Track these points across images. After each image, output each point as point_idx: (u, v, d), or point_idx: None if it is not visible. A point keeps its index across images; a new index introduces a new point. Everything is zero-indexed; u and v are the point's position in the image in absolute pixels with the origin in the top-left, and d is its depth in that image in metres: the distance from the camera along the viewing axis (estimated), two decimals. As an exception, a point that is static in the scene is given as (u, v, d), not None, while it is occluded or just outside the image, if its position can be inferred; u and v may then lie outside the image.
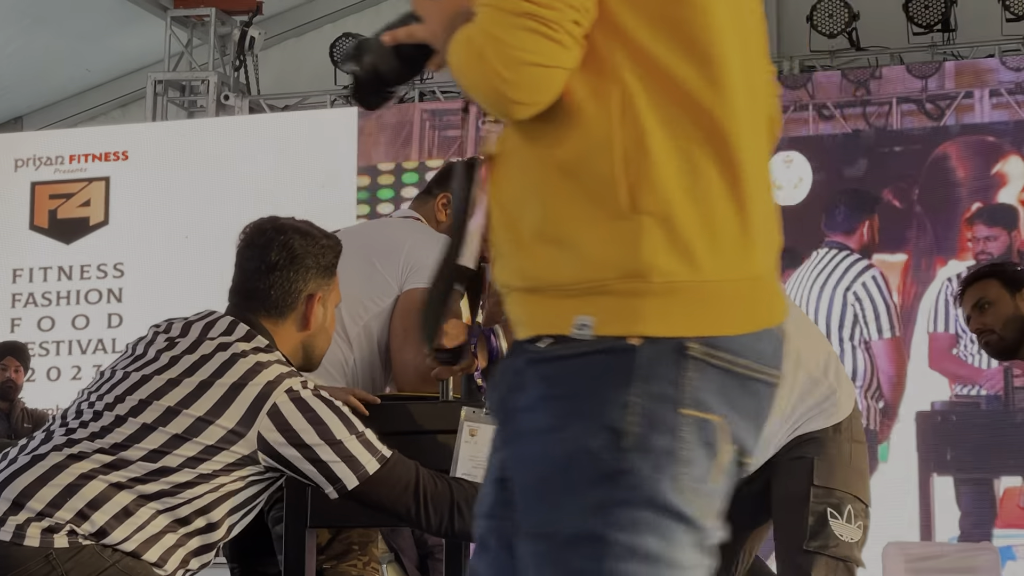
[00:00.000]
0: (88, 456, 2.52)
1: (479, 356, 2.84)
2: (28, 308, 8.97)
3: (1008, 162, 7.61)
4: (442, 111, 8.63)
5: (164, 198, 8.83)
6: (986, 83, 7.67)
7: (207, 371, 2.59)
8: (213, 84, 9.33)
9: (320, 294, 2.78)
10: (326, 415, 2.59)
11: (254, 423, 2.55)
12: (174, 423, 2.54)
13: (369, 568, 3.11)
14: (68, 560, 2.43)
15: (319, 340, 2.80)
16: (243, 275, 2.77)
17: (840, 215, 7.77)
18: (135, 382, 2.62)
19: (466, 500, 2.63)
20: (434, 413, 2.88)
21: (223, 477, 2.56)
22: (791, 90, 7.98)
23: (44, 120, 10.05)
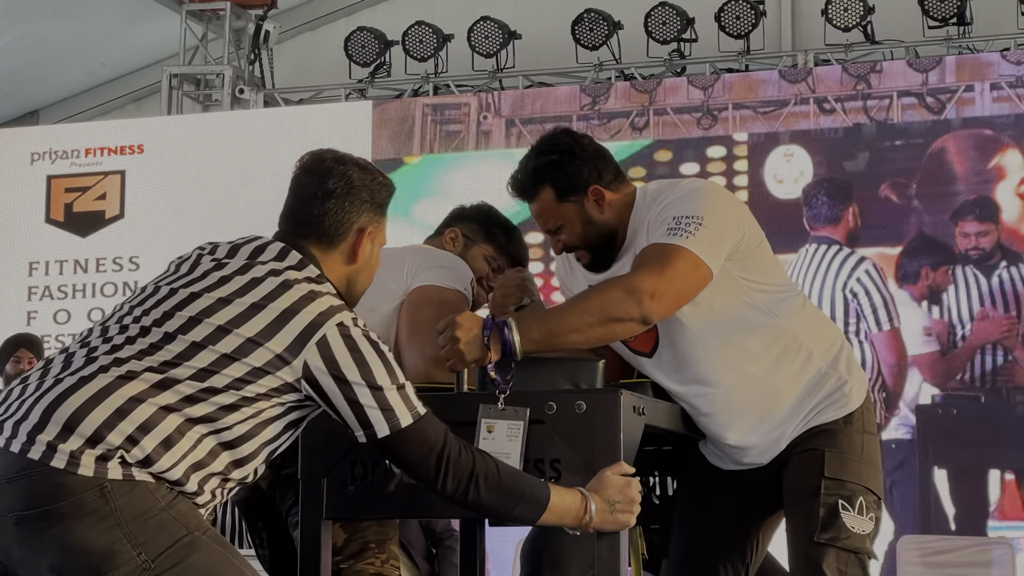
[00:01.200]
0: (137, 376, 2.50)
1: (492, 349, 2.85)
2: (44, 301, 9.00)
3: (1006, 155, 7.61)
4: (443, 106, 8.64)
5: (179, 191, 8.85)
6: (986, 76, 7.68)
7: (258, 294, 2.59)
8: (228, 78, 9.35)
9: (371, 229, 2.78)
10: (371, 358, 2.59)
11: (302, 351, 2.55)
12: (224, 342, 2.53)
13: (388, 566, 3.12)
14: (122, 496, 2.41)
15: (363, 276, 2.80)
16: (297, 201, 2.77)
17: (823, 207, 7.77)
18: (183, 299, 2.60)
19: (485, 474, 2.63)
20: (449, 405, 2.89)
21: (264, 402, 2.56)
22: (792, 84, 7.99)
23: (60, 114, 10.08)
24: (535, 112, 8.41)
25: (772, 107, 8.03)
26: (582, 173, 3.13)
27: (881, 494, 3.19)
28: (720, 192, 3.20)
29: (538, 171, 3.13)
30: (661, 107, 8.21)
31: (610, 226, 3.15)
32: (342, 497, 2.91)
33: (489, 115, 8.51)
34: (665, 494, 3.41)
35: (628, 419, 2.82)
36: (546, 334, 2.87)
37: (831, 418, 3.18)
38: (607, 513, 2.72)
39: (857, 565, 3.09)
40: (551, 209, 3.14)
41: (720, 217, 3.05)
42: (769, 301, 3.16)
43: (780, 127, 7.99)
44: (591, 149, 3.17)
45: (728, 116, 8.10)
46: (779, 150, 7.98)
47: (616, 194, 3.16)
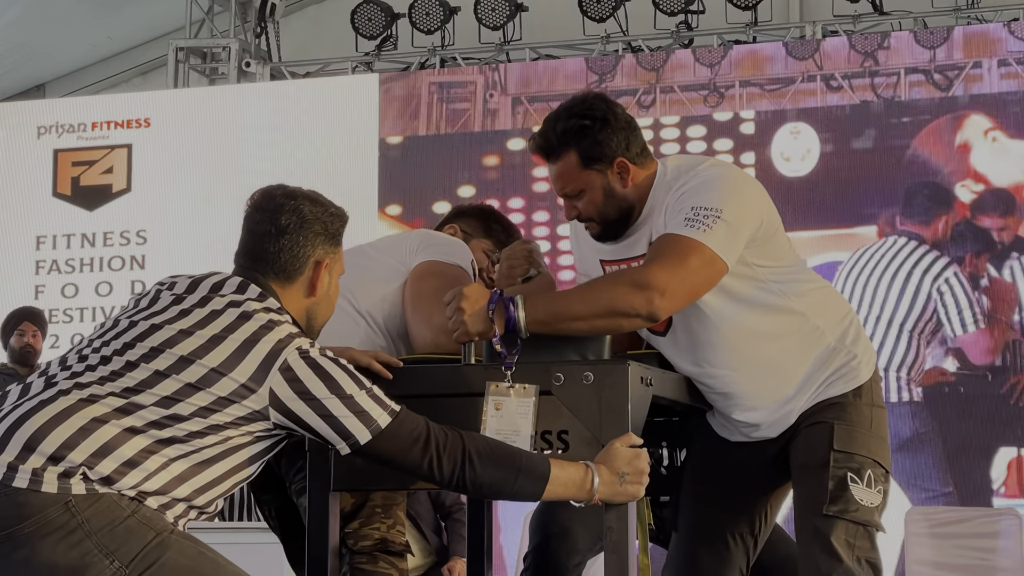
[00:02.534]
0: (99, 399, 2.50)
1: (496, 322, 2.84)
2: (52, 275, 9.01)
3: (970, 120, 7.63)
4: (450, 83, 8.62)
5: (186, 165, 8.85)
6: (994, 53, 7.65)
7: (219, 325, 2.60)
8: (234, 51, 9.33)
9: (327, 261, 2.79)
10: (335, 371, 2.60)
11: (266, 379, 2.56)
12: (187, 372, 2.54)
13: (394, 531, 3.13)
14: (87, 508, 2.41)
15: (322, 308, 2.82)
16: (252, 238, 2.78)
17: (920, 207, 7.72)
18: (144, 330, 2.61)
19: (477, 450, 2.63)
20: (456, 376, 2.89)
21: (232, 430, 2.56)
22: (798, 61, 7.96)
23: (66, 88, 10.07)
24: (541, 90, 8.39)
25: (779, 84, 8.01)
26: (611, 143, 3.05)
27: (889, 467, 3.18)
28: (740, 180, 3.11)
29: (567, 133, 3.06)
30: (668, 85, 8.19)
31: (629, 201, 3.10)
32: (349, 468, 2.91)
33: (495, 93, 8.50)
34: (673, 465, 3.41)
35: (636, 390, 2.81)
36: (551, 317, 2.86)
37: (840, 391, 3.17)
38: (616, 485, 2.72)
39: (865, 537, 3.09)
40: (573, 174, 3.09)
41: (739, 209, 3.00)
42: (782, 283, 3.13)
43: (787, 104, 7.97)
44: (624, 120, 3.09)
45: (735, 94, 8.08)
46: (786, 127, 7.96)
47: (641, 169, 3.10)
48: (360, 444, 2.60)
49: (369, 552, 3.08)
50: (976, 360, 7.50)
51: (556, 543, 3.73)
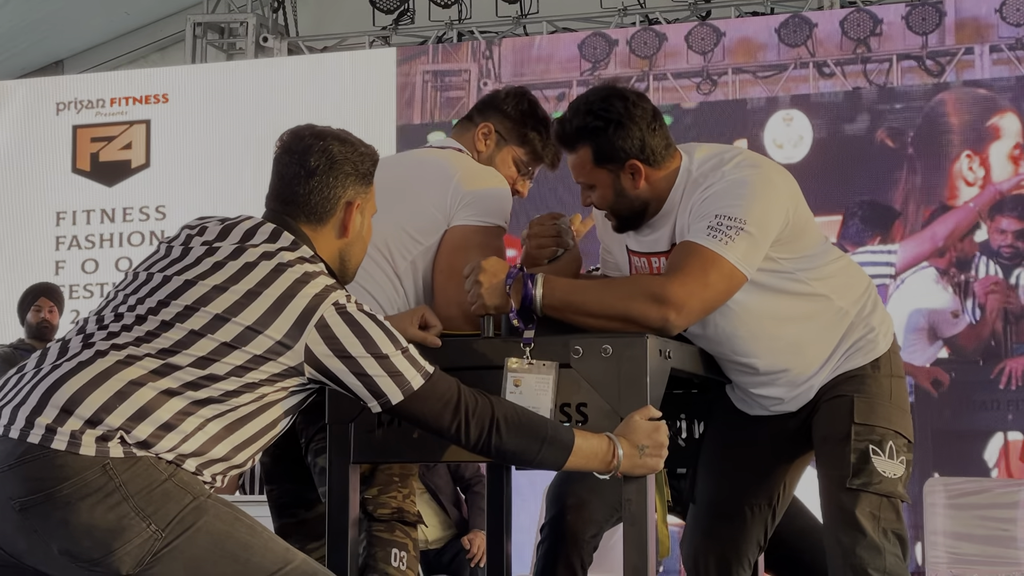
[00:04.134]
0: (137, 361, 2.50)
1: (512, 297, 2.84)
2: (72, 251, 9.04)
3: (1004, 117, 7.57)
4: (444, 72, 8.61)
5: (204, 140, 8.86)
6: (986, 39, 7.65)
7: (253, 280, 2.58)
8: (252, 26, 9.33)
9: (359, 202, 2.77)
10: (372, 329, 2.58)
11: (302, 335, 2.54)
12: (222, 331, 2.53)
13: (408, 501, 3.14)
14: (125, 471, 2.41)
15: (355, 249, 2.79)
16: (281, 181, 2.75)
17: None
18: (178, 287, 2.59)
19: (505, 417, 2.63)
20: (475, 349, 2.89)
21: (267, 387, 2.56)
22: (791, 48, 7.94)
23: (84, 64, 10.07)
24: (535, 78, 8.39)
25: (772, 71, 8.00)
26: (625, 145, 3.03)
27: (911, 437, 3.18)
28: (766, 184, 3.03)
29: (582, 130, 3.06)
30: (661, 72, 8.18)
31: (642, 200, 3.08)
32: (369, 441, 2.92)
33: (489, 81, 8.50)
34: (692, 437, 3.41)
35: (654, 362, 2.81)
36: (565, 305, 2.86)
37: (859, 364, 3.17)
38: (636, 457, 2.72)
39: (890, 509, 3.09)
40: (586, 168, 3.09)
41: (763, 218, 2.97)
42: (807, 270, 3.12)
43: (780, 91, 7.96)
44: (643, 120, 3.04)
45: (728, 80, 8.07)
46: (779, 114, 7.97)
47: (657, 170, 3.06)
48: (392, 404, 2.60)
49: (387, 520, 3.08)
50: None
51: (572, 515, 3.73)
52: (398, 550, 3.09)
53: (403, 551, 3.09)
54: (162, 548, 2.42)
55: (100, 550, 2.40)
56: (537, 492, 5.83)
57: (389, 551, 3.07)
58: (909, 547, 3.11)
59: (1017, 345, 7.45)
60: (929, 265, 7.62)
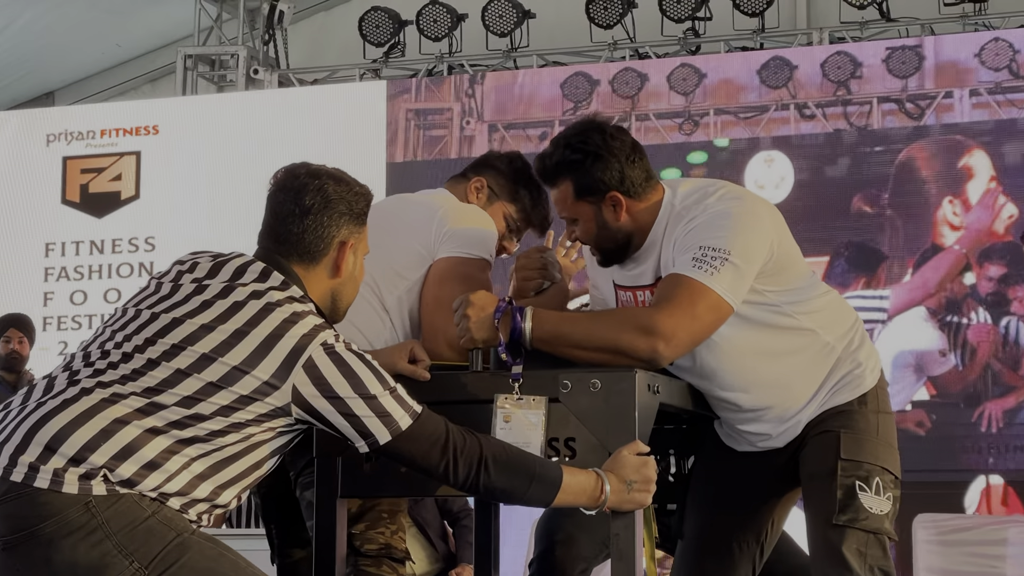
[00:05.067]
0: (122, 399, 2.49)
1: (500, 330, 2.84)
2: (61, 282, 9.03)
3: (973, 155, 7.63)
4: (426, 110, 8.64)
5: (194, 172, 8.87)
6: (965, 83, 7.70)
7: (241, 319, 2.57)
8: (243, 58, 9.35)
9: (352, 241, 2.76)
10: (360, 369, 2.58)
11: (289, 376, 2.54)
12: (209, 371, 2.52)
13: (396, 537, 3.13)
14: (108, 508, 2.41)
15: (347, 289, 2.79)
16: (275, 219, 2.74)
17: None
18: (165, 324, 2.58)
19: (494, 456, 2.63)
20: (463, 383, 2.89)
21: (253, 427, 2.55)
22: (772, 89, 7.99)
23: (75, 95, 10.09)
24: (517, 117, 8.42)
25: (753, 112, 8.04)
26: (604, 177, 3.05)
27: (898, 473, 3.17)
28: (750, 216, 3.04)
29: (561, 165, 3.08)
30: (643, 112, 8.22)
31: (625, 232, 3.10)
32: (357, 476, 2.91)
33: (472, 120, 8.52)
34: (681, 473, 3.41)
35: (643, 397, 2.81)
36: (554, 338, 2.87)
37: (846, 399, 3.17)
38: (624, 493, 2.72)
39: (877, 545, 3.08)
40: (568, 202, 3.10)
41: (748, 249, 2.98)
42: (793, 303, 3.12)
43: (761, 132, 8.00)
44: (622, 152, 3.07)
45: (709, 121, 8.11)
46: (760, 155, 8.01)
47: (639, 202, 3.08)
48: (379, 444, 2.60)
49: (375, 556, 3.08)
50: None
51: (561, 550, 3.72)
52: None
53: None
54: None
55: None
56: (525, 527, 5.82)
57: None
58: (895, 584, 3.11)
59: (996, 388, 7.46)
60: (920, 304, 7.65)
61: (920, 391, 7.57)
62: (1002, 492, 7.38)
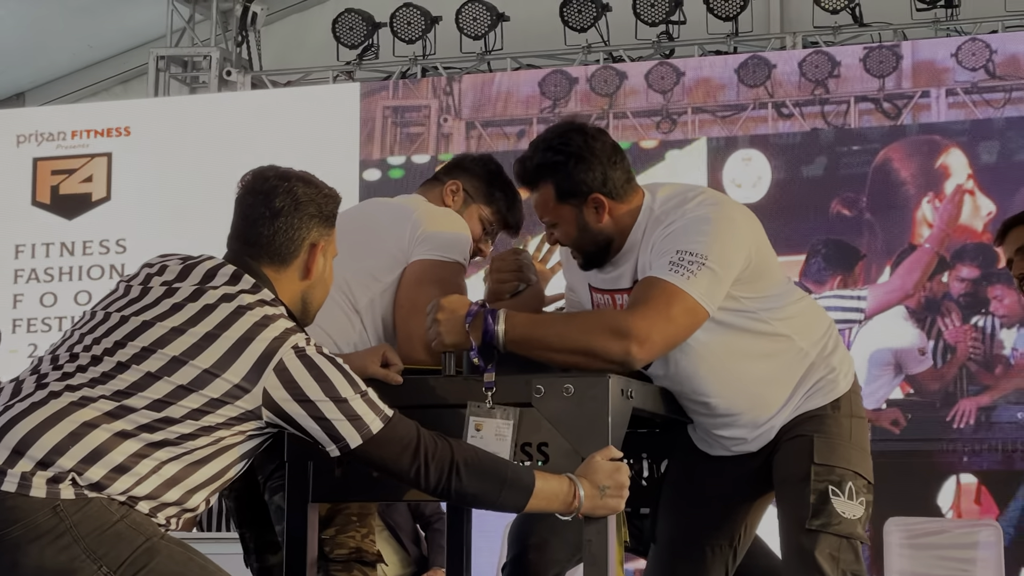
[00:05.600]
0: (91, 403, 2.47)
1: (472, 334, 2.83)
2: (30, 284, 8.97)
3: (949, 154, 7.68)
4: (404, 107, 8.63)
5: (166, 174, 8.82)
6: (942, 82, 7.74)
7: (212, 322, 2.56)
8: (215, 60, 9.31)
9: (322, 243, 2.76)
10: (331, 373, 2.57)
11: (260, 378, 2.53)
12: (179, 374, 2.51)
13: (367, 540, 3.12)
14: (76, 512, 2.39)
15: (317, 291, 2.79)
16: (245, 222, 2.73)
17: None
18: (135, 327, 2.57)
19: (465, 461, 2.62)
20: (436, 387, 2.88)
21: (224, 431, 2.54)
22: (750, 88, 8.01)
23: (46, 96, 10.03)
24: (495, 115, 8.41)
25: (731, 111, 8.06)
26: (586, 179, 3.04)
27: (871, 477, 3.18)
28: (728, 222, 3.03)
29: (542, 167, 3.06)
30: (621, 111, 8.22)
31: (606, 235, 3.08)
32: (328, 480, 2.90)
33: (449, 117, 8.52)
34: (653, 477, 3.40)
35: (616, 402, 2.80)
36: (527, 341, 2.85)
37: (819, 404, 3.17)
38: (597, 498, 2.71)
39: (849, 550, 3.08)
40: (549, 206, 3.09)
41: (725, 255, 2.97)
42: (769, 310, 3.12)
43: (739, 131, 8.02)
44: (603, 154, 3.05)
45: (687, 120, 8.12)
46: (737, 154, 8.02)
47: (620, 204, 3.07)
48: (350, 448, 2.58)
49: (344, 560, 3.06)
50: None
51: (534, 554, 3.72)
52: None
53: None
54: None
55: None
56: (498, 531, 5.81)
57: None
58: (868, 588, 3.12)
59: (972, 387, 7.49)
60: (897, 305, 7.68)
61: (895, 390, 7.59)
62: (975, 491, 7.40)
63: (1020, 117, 7.65)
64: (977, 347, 7.53)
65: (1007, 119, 7.66)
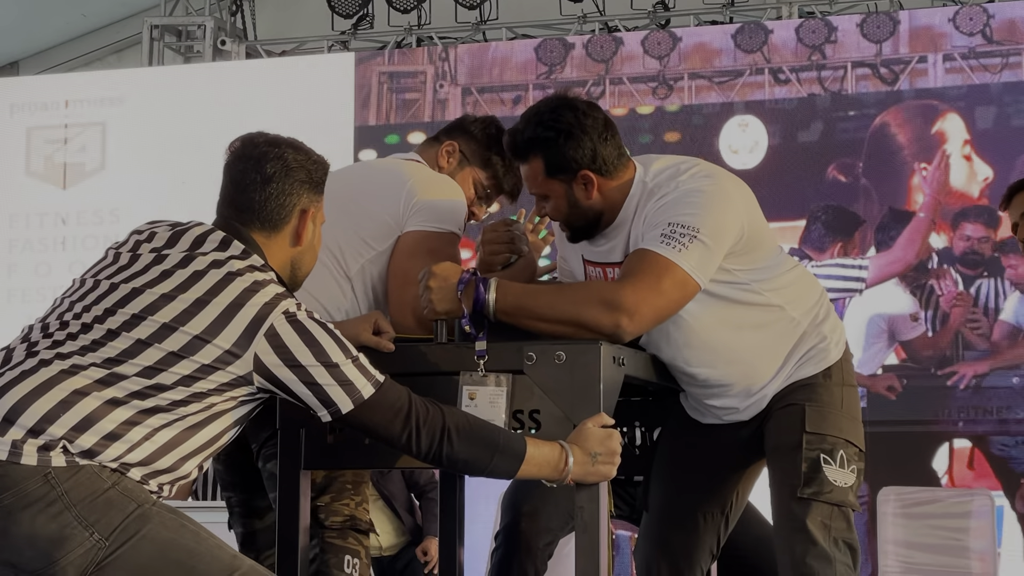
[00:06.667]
0: (82, 370, 2.47)
1: (463, 302, 2.83)
2: (24, 254, 8.96)
3: (946, 119, 7.67)
4: (400, 73, 8.60)
5: (160, 143, 8.80)
6: (939, 47, 7.73)
7: (202, 288, 2.55)
8: (209, 29, 9.28)
9: (312, 210, 2.76)
10: (322, 338, 2.57)
11: (251, 344, 2.52)
12: (170, 340, 2.50)
13: (361, 508, 3.12)
14: (67, 480, 2.39)
15: (307, 257, 2.78)
16: (235, 187, 2.72)
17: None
18: (125, 295, 2.56)
19: (457, 426, 2.62)
20: (428, 355, 2.88)
21: (215, 397, 2.54)
22: (747, 53, 8.00)
23: (40, 65, 10.00)
24: (491, 81, 8.38)
25: (727, 77, 8.04)
26: (576, 156, 3.03)
27: (862, 445, 3.18)
28: (720, 194, 3.03)
29: (532, 142, 3.05)
30: (617, 76, 8.21)
31: (595, 210, 3.08)
32: (321, 447, 2.90)
33: (445, 84, 8.49)
34: (646, 445, 3.41)
35: (608, 369, 2.81)
36: (517, 310, 2.85)
37: (810, 372, 3.17)
38: (588, 465, 2.71)
39: (841, 518, 3.09)
40: (538, 179, 3.08)
41: (717, 227, 2.97)
42: (761, 281, 3.12)
43: (735, 97, 8.01)
44: (594, 131, 3.05)
45: (684, 86, 8.11)
46: (734, 120, 8.01)
47: (610, 180, 3.06)
48: (342, 413, 2.58)
49: (340, 528, 3.07)
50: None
51: (527, 522, 3.73)
52: (351, 557, 3.07)
53: (356, 558, 3.08)
54: (106, 557, 2.40)
55: (42, 560, 2.38)
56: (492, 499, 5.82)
57: (342, 558, 3.06)
58: (860, 556, 3.12)
59: (969, 352, 7.51)
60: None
61: (891, 356, 7.61)
62: (968, 456, 7.43)
63: (1017, 82, 7.65)
64: (975, 313, 7.54)
65: (1004, 84, 7.65)
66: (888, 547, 6.00)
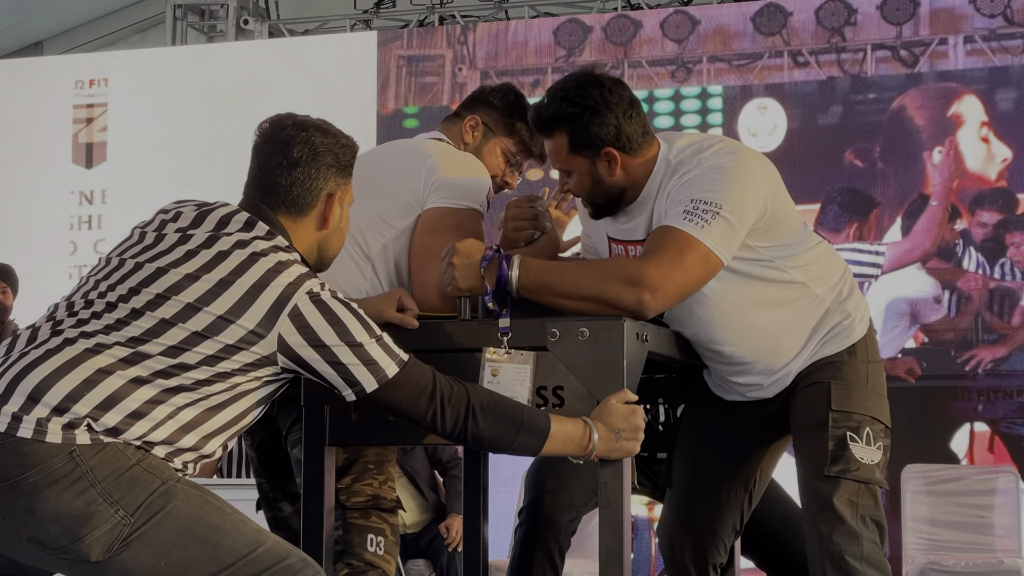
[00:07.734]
0: (106, 349, 2.48)
1: (487, 279, 2.83)
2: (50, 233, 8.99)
3: (963, 101, 7.62)
4: (418, 57, 8.59)
5: (184, 122, 8.82)
6: (960, 29, 7.69)
7: (226, 268, 2.55)
8: (232, 8, 9.29)
9: (339, 193, 2.75)
10: (346, 317, 2.57)
11: (275, 324, 2.53)
12: (194, 320, 2.51)
13: (386, 487, 3.12)
14: (92, 457, 2.40)
15: (334, 240, 2.78)
16: (262, 171, 2.72)
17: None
18: (150, 274, 2.57)
19: (481, 404, 2.62)
20: (451, 332, 2.88)
21: (239, 376, 2.54)
22: (766, 36, 7.96)
23: (64, 45, 10.02)
24: (509, 64, 8.38)
25: (746, 60, 8.02)
26: (600, 133, 3.02)
27: (888, 422, 3.17)
28: (744, 171, 3.01)
29: (557, 117, 3.04)
30: (636, 60, 8.19)
31: (618, 187, 3.07)
32: (345, 424, 2.91)
33: (464, 67, 8.49)
34: (669, 422, 3.41)
35: (631, 346, 2.81)
36: (540, 287, 2.85)
37: (835, 350, 3.16)
38: (612, 441, 2.71)
39: (868, 495, 3.09)
40: (562, 154, 3.08)
41: (740, 204, 2.95)
42: (784, 257, 3.11)
43: (754, 80, 7.98)
44: (619, 108, 3.03)
45: (703, 69, 8.09)
46: (753, 103, 7.99)
47: (634, 158, 3.05)
48: (366, 392, 2.59)
49: (362, 508, 3.07)
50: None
51: (550, 499, 3.73)
52: (374, 535, 3.07)
53: (380, 536, 3.08)
54: (131, 533, 2.40)
55: (68, 537, 2.39)
56: (516, 475, 5.84)
57: (365, 536, 3.07)
58: (887, 533, 3.12)
59: (987, 335, 7.48)
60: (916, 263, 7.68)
61: (910, 340, 7.59)
62: (988, 439, 7.41)
63: (1038, 64, 7.62)
64: (992, 295, 7.51)
65: (1025, 65, 7.63)
66: (913, 524, 6.00)
